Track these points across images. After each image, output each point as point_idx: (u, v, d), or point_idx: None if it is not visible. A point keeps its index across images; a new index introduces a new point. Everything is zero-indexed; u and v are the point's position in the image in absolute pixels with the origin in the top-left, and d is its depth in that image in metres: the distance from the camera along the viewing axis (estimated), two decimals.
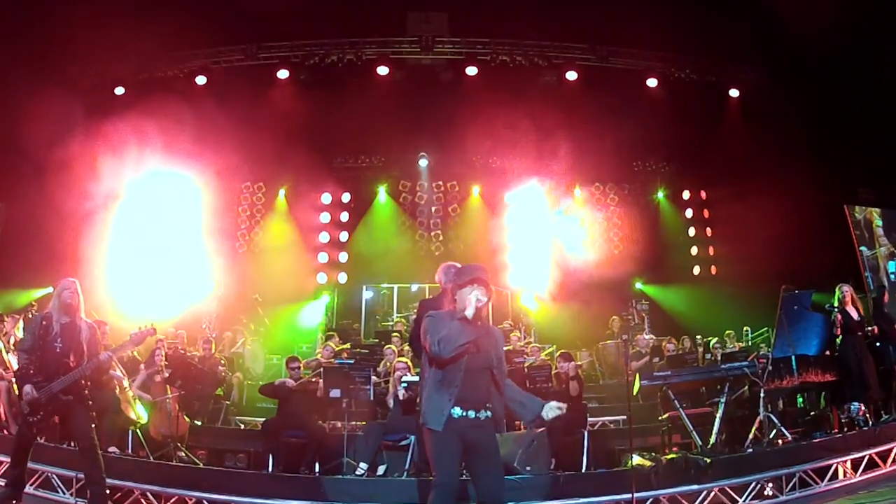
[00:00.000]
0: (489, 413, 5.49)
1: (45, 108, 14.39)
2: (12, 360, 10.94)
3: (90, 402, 7.40)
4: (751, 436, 10.04)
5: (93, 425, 7.23)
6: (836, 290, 11.00)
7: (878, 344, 10.83)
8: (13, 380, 10.58)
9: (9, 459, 7.67)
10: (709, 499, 8.53)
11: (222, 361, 13.50)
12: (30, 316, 13.00)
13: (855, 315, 10.78)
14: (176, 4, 13.93)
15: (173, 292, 17.00)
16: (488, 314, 6.20)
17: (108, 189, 15.91)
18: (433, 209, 19.85)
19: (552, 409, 5.45)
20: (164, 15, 14.09)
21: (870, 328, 11.04)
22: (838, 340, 10.97)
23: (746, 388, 10.49)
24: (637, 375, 10.95)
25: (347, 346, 14.83)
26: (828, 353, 11.20)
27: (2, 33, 13.68)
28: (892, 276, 15.97)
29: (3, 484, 7.69)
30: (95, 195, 15.64)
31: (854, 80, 14.81)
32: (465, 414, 5.35)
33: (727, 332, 14.45)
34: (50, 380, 7.07)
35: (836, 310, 10.85)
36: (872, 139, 15.39)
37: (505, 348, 14.17)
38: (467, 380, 5.40)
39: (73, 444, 8.20)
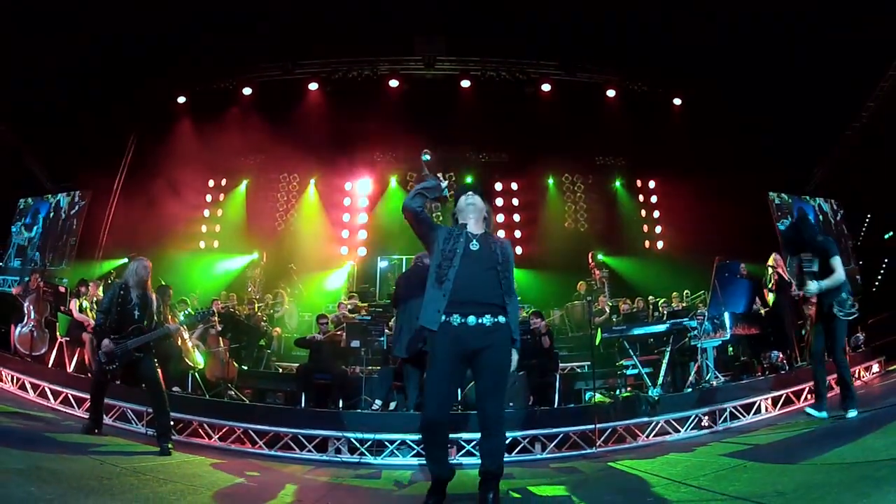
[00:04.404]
0: (501, 319, 4.48)
1: (122, 113, 14.34)
2: (90, 317, 11.01)
3: (154, 352, 7.44)
4: (690, 378, 10.02)
5: (158, 370, 7.26)
6: (772, 256, 11.14)
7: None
8: None
9: (89, 398, 7.79)
10: (657, 429, 8.50)
11: (264, 318, 13.47)
12: (109, 282, 13.02)
13: (786, 276, 10.82)
14: (226, 30, 13.81)
15: (226, 262, 17.03)
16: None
17: (172, 179, 15.88)
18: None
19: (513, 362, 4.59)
20: (217, 38, 13.99)
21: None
22: (772, 297, 11.04)
23: (687, 339, 10.41)
24: (599, 329, 10.89)
25: (365, 304, 14.80)
26: (761, 308, 11.22)
27: (90, 52, 13.57)
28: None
29: (86, 417, 7.74)
30: (163, 184, 15.61)
31: (773, 90, 14.70)
32: (464, 321, 4.40)
33: (675, 294, 14.37)
34: (126, 338, 7.11)
35: (773, 270, 10.95)
36: (789, 138, 15.35)
37: None
38: (464, 276, 4.49)
39: (143, 385, 8.22)
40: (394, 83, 16.61)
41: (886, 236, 15.16)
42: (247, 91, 16.66)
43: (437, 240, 4.73)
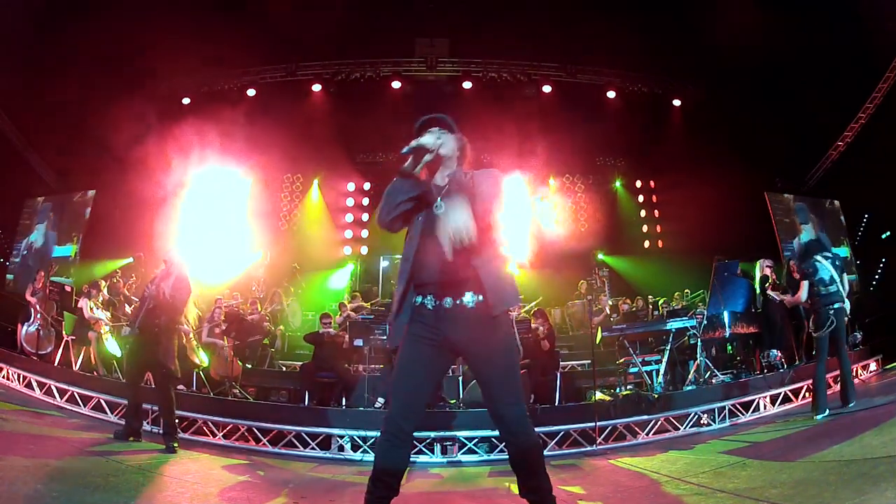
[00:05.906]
0: (479, 297, 3.31)
1: (127, 114, 14.33)
2: (100, 315, 10.99)
3: (169, 350, 7.29)
4: (690, 376, 10.00)
5: (170, 371, 7.19)
6: (760, 261, 11.21)
7: None
8: (101, 331, 10.69)
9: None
10: (656, 427, 8.50)
11: (268, 317, 13.47)
12: (114, 281, 13.04)
13: (773, 277, 10.88)
14: (231, 32, 13.83)
15: (229, 262, 17.00)
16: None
17: (176, 180, 15.86)
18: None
19: None
20: (222, 40, 14.00)
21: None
22: (759, 298, 11.04)
23: (686, 338, 10.41)
24: (599, 328, 10.88)
25: (368, 303, 14.79)
26: (754, 309, 11.19)
27: (96, 55, 13.58)
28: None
29: (90, 415, 7.72)
30: (167, 185, 15.59)
31: (771, 91, 14.72)
32: (435, 301, 3.35)
33: (675, 294, 14.35)
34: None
35: (771, 271, 11.03)
36: (786, 139, 15.36)
37: None
38: (426, 252, 3.35)
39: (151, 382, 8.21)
40: (396, 84, 16.65)
41: (884, 236, 15.12)
42: (251, 92, 16.70)
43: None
